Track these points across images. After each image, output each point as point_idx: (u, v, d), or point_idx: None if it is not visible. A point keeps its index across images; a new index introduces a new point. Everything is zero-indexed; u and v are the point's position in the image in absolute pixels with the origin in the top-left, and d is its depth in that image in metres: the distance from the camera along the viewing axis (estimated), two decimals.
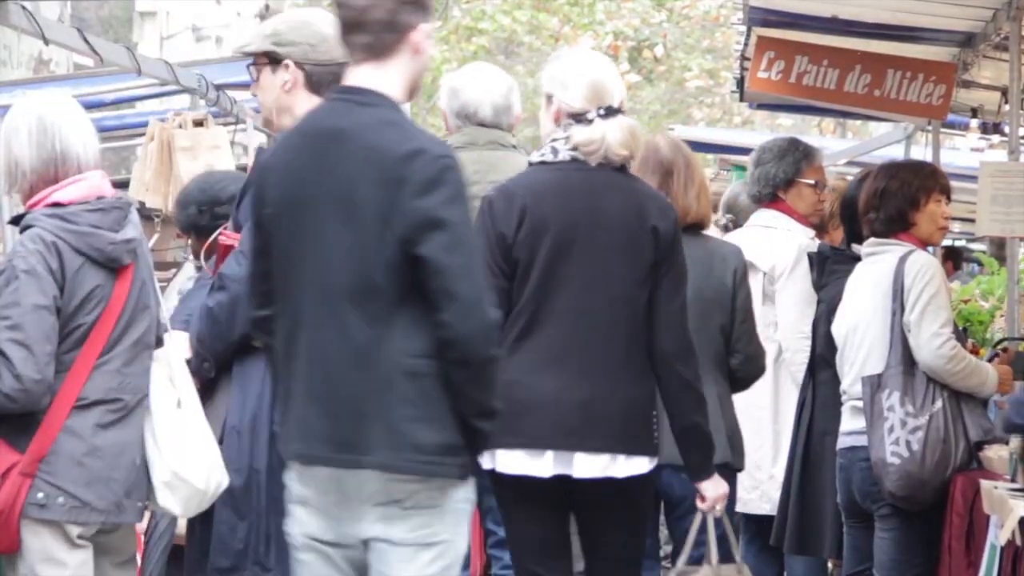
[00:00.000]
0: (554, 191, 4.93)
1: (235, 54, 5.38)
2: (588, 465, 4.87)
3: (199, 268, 6.08)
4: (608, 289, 4.90)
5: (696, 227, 5.70)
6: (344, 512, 4.13)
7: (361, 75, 4.19)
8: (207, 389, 5.04)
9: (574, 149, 4.94)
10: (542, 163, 5.00)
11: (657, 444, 4.96)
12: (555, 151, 5.00)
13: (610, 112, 4.93)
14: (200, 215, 6.01)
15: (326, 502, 4.14)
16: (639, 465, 4.90)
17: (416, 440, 4.07)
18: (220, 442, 4.97)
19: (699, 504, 5.10)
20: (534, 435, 4.57)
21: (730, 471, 5.58)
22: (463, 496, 4.16)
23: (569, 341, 4.89)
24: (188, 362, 4.93)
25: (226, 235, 5.22)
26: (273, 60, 5.21)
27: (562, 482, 4.86)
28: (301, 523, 4.21)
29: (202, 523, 5.10)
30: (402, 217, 4.04)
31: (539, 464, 4.86)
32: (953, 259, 14.92)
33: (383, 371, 4.07)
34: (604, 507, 4.95)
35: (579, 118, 4.94)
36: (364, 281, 4.08)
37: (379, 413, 4.08)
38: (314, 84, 5.23)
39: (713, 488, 5.08)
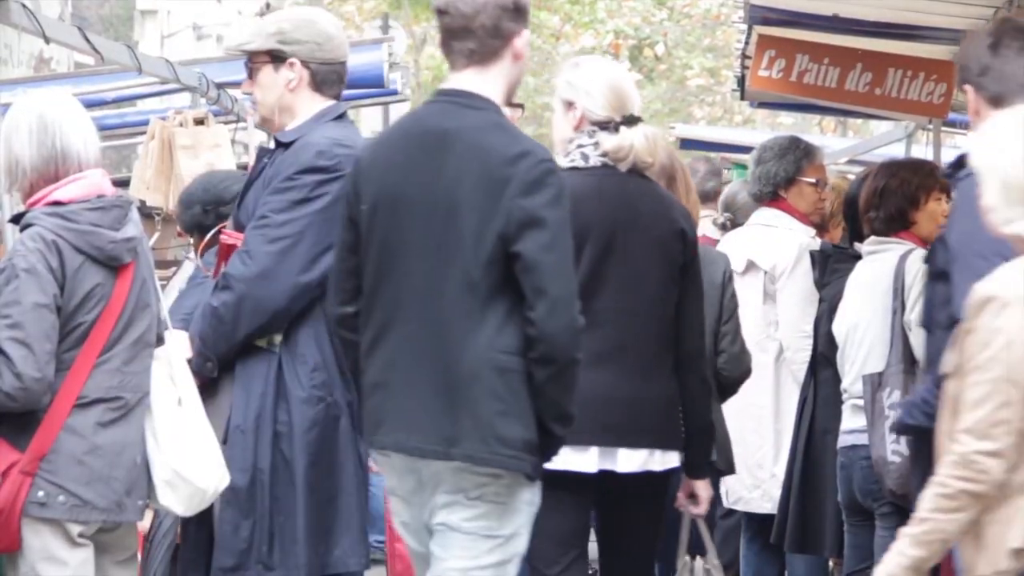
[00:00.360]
0: (592, 195, 5.03)
1: (232, 52, 5.34)
2: (630, 460, 4.99)
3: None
4: (645, 290, 5.04)
5: None
6: (417, 499, 4.35)
7: (464, 79, 4.40)
8: (209, 388, 5.04)
9: (604, 155, 5.07)
10: (574, 168, 5.07)
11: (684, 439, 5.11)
12: (585, 157, 5.10)
13: (632, 120, 5.07)
14: (205, 215, 6.02)
15: (405, 489, 4.37)
16: (673, 459, 5.05)
17: (502, 434, 4.24)
18: (224, 441, 4.98)
19: (685, 502, 5.22)
20: (580, 431, 4.65)
21: (713, 471, 5.70)
22: (528, 497, 4.34)
23: (613, 341, 5.00)
24: (189, 361, 4.93)
25: (228, 234, 5.22)
26: (276, 58, 5.20)
27: (603, 477, 4.96)
28: (396, 512, 4.46)
29: (197, 524, 5.10)
30: (504, 215, 4.25)
31: (584, 459, 4.96)
32: None
33: (473, 365, 4.24)
34: (636, 501, 5.07)
35: (603, 126, 5.07)
36: (461, 276, 4.27)
37: (467, 406, 4.25)
38: (318, 83, 5.24)
39: (705, 488, 5.21)
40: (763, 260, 7.02)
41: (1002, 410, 3.57)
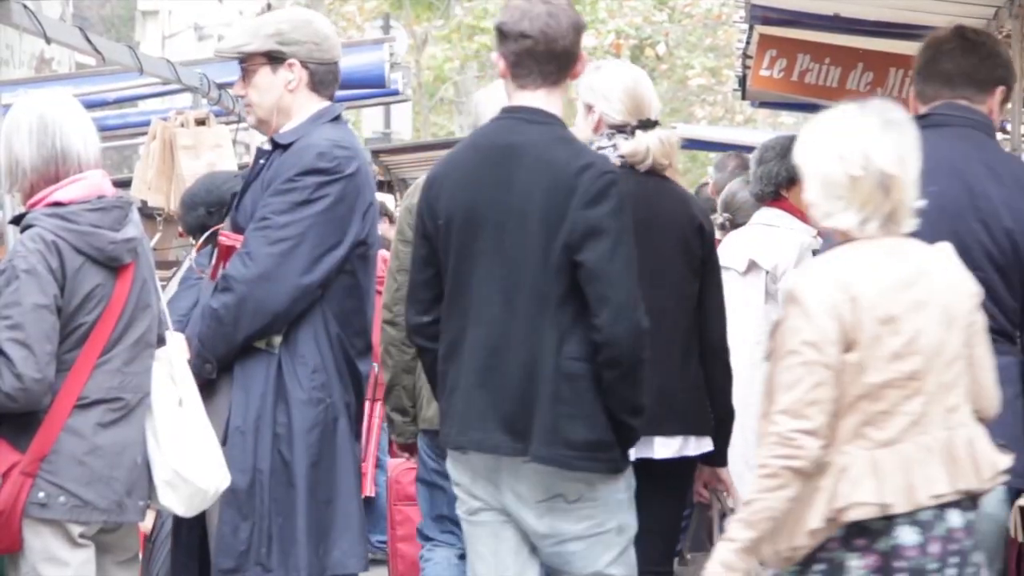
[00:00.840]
0: None
1: (226, 54, 5.31)
2: (666, 447, 5.20)
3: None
4: (670, 285, 5.23)
5: None
6: (487, 493, 4.66)
7: (535, 98, 4.68)
8: (208, 390, 5.03)
9: (622, 157, 5.23)
10: None
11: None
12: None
13: (648, 124, 5.27)
14: (209, 216, 6.03)
15: (478, 488, 4.67)
16: (707, 444, 5.28)
17: (567, 436, 4.53)
18: (223, 443, 4.97)
19: (705, 492, 5.45)
20: None
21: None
22: (623, 486, 4.67)
23: None
24: (188, 363, 4.92)
25: (226, 236, 5.20)
26: (274, 59, 5.18)
27: (640, 464, 5.08)
28: (463, 502, 4.74)
29: (189, 526, 5.09)
30: (570, 224, 4.52)
31: None
32: None
33: (543, 371, 4.53)
34: (668, 483, 5.25)
35: (620, 129, 5.26)
36: (531, 285, 4.55)
37: (538, 410, 4.54)
38: (316, 83, 5.22)
39: (728, 475, 5.44)
40: (765, 260, 7.01)
41: (815, 390, 3.85)
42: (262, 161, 5.22)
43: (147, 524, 5.32)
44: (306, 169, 5.07)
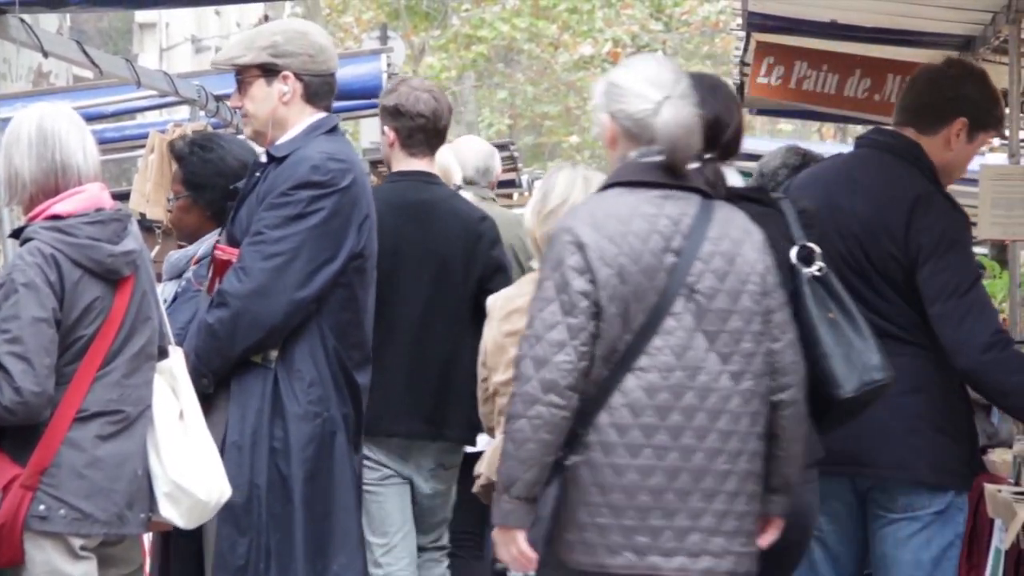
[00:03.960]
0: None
1: (220, 66, 5.31)
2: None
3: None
4: None
5: None
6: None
7: (419, 164, 6.18)
8: (204, 404, 5.01)
9: None
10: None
11: None
12: None
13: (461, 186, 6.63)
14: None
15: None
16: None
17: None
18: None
19: None
20: None
21: None
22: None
23: None
24: None
25: (222, 250, 5.18)
26: (268, 72, 5.17)
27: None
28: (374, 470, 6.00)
29: (187, 536, 5.03)
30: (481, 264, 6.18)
31: None
32: None
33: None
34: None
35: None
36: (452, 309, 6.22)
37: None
38: (311, 95, 5.21)
39: None
40: None
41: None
42: (257, 174, 5.21)
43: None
44: (300, 183, 5.06)
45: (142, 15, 27.05)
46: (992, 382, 4.79)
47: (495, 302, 5.27)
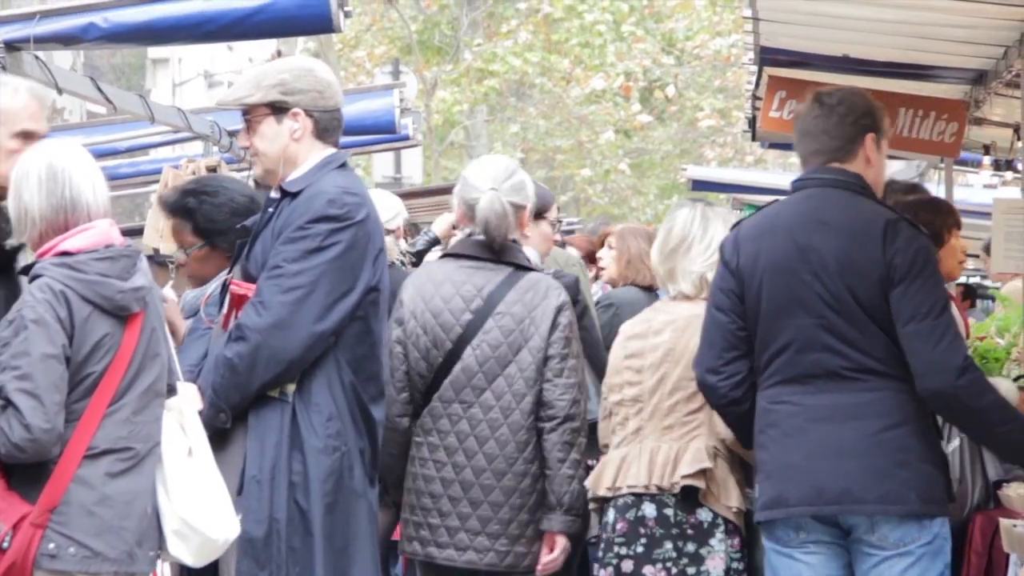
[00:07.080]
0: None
1: (234, 106, 5.29)
2: None
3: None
4: None
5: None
6: None
7: None
8: (221, 439, 5.01)
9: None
10: None
11: None
12: None
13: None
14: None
15: None
16: None
17: None
18: (239, 492, 4.95)
19: None
20: None
21: None
22: None
23: None
24: (200, 413, 4.89)
25: (238, 285, 5.18)
26: (278, 110, 5.17)
27: None
28: None
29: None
30: None
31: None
32: (970, 296, 14.88)
33: None
34: None
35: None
36: None
37: None
38: (320, 131, 5.22)
39: None
40: None
41: None
42: (271, 209, 5.21)
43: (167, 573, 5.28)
44: (317, 216, 5.06)
45: (155, 51, 27.16)
46: (961, 406, 4.91)
47: (623, 327, 5.65)
